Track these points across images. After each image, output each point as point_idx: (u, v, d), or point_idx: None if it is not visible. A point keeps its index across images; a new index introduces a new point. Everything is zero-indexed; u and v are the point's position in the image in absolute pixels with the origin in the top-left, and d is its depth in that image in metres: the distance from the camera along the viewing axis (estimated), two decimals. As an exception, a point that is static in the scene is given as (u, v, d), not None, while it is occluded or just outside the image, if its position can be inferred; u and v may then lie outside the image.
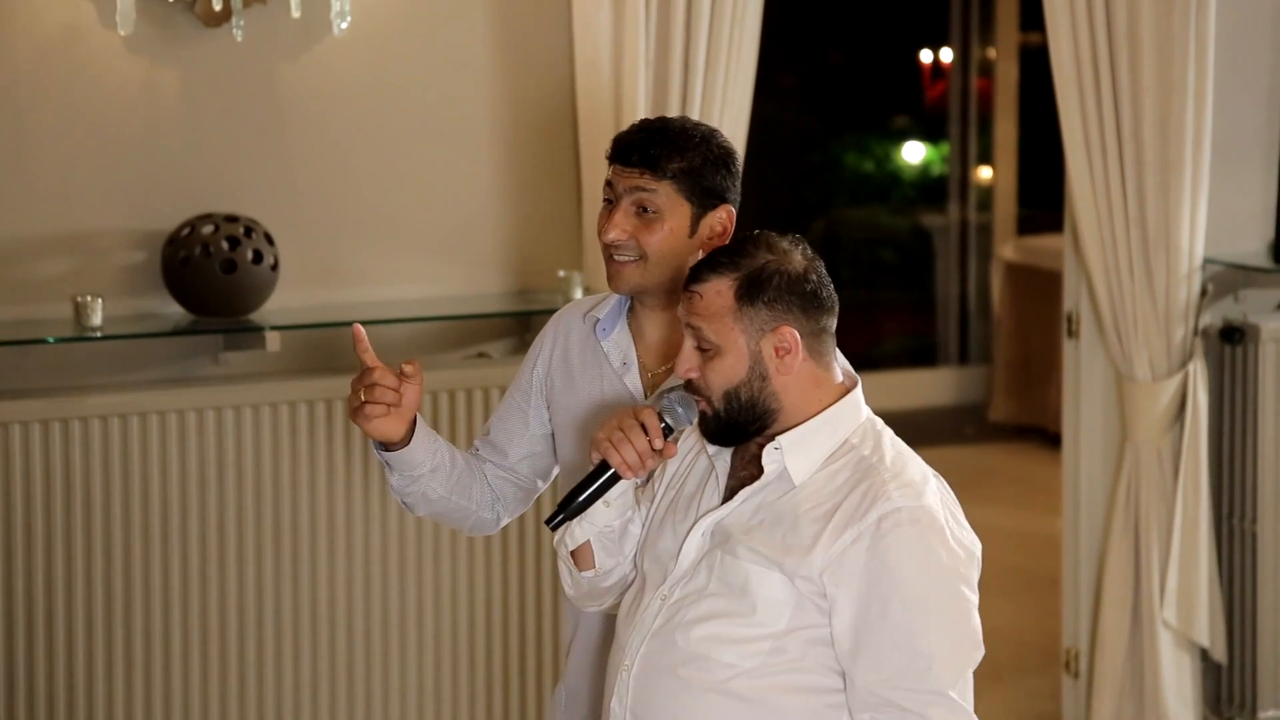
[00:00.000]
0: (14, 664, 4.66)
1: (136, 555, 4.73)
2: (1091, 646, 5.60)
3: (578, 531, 3.10)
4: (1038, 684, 6.04)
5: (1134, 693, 5.51)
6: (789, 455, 2.97)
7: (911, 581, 2.88)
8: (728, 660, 2.94)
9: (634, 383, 3.34)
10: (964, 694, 2.92)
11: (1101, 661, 5.53)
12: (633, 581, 3.13)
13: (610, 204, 3.29)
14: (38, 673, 4.68)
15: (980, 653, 2.95)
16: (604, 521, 3.09)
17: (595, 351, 3.38)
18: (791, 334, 2.96)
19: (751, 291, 2.96)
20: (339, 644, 4.93)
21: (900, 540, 2.88)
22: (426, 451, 3.34)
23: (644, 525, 3.11)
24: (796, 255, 3.00)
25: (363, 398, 3.25)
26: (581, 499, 3.05)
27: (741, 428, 2.99)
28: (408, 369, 3.25)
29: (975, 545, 2.98)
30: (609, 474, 3.04)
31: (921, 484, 2.95)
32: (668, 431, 3.03)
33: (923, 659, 2.88)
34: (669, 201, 3.25)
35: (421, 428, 3.32)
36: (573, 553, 3.13)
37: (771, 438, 2.99)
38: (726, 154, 3.30)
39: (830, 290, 3.02)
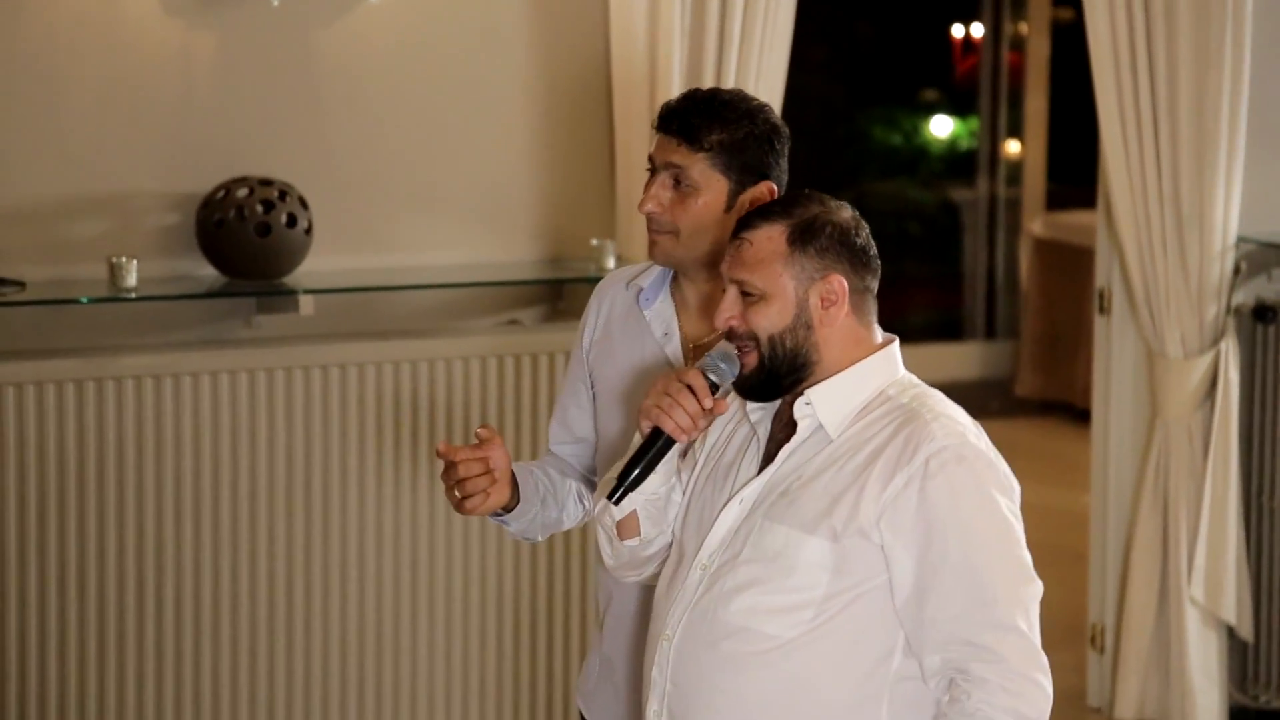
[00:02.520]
0: (46, 624, 4.67)
1: (168, 516, 4.74)
2: (1118, 623, 5.60)
3: (624, 502, 3.10)
4: (1063, 659, 5.99)
5: (1160, 669, 5.52)
6: (820, 407, 2.97)
7: (967, 518, 2.89)
8: (770, 631, 2.93)
9: (675, 352, 3.32)
10: (1032, 627, 2.91)
11: (1128, 638, 5.53)
12: (671, 550, 3.13)
13: (652, 173, 3.28)
14: (69, 632, 4.69)
15: (1038, 585, 2.94)
16: (652, 489, 3.08)
17: (638, 320, 3.36)
18: (840, 283, 2.97)
19: (805, 237, 2.96)
20: (367, 607, 4.94)
21: (950, 478, 2.89)
22: (532, 493, 3.34)
23: (684, 493, 3.11)
24: (846, 212, 3.02)
25: (458, 495, 3.21)
26: (639, 470, 3.05)
27: (779, 379, 2.98)
28: (483, 433, 3.20)
29: (1016, 484, 3.00)
30: (662, 440, 3.04)
31: (964, 424, 2.96)
32: (714, 389, 3.03)
33: (988, 591, 2.88)
34: (704, 175, 3.22)
35: (518, 473, 3.30)
36: (618, 523, 3.13)
37: (803, 393, 3.00)
38: (773, 130, 3.26)
39: (875, 252, 3.04)
